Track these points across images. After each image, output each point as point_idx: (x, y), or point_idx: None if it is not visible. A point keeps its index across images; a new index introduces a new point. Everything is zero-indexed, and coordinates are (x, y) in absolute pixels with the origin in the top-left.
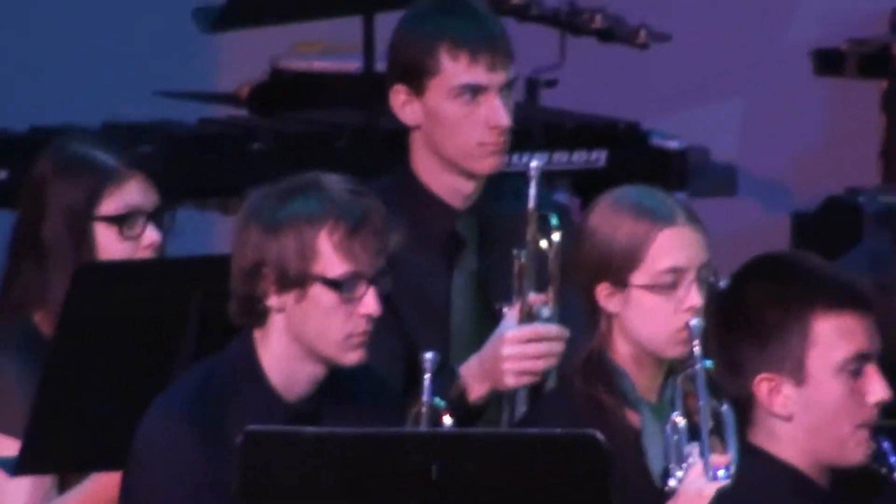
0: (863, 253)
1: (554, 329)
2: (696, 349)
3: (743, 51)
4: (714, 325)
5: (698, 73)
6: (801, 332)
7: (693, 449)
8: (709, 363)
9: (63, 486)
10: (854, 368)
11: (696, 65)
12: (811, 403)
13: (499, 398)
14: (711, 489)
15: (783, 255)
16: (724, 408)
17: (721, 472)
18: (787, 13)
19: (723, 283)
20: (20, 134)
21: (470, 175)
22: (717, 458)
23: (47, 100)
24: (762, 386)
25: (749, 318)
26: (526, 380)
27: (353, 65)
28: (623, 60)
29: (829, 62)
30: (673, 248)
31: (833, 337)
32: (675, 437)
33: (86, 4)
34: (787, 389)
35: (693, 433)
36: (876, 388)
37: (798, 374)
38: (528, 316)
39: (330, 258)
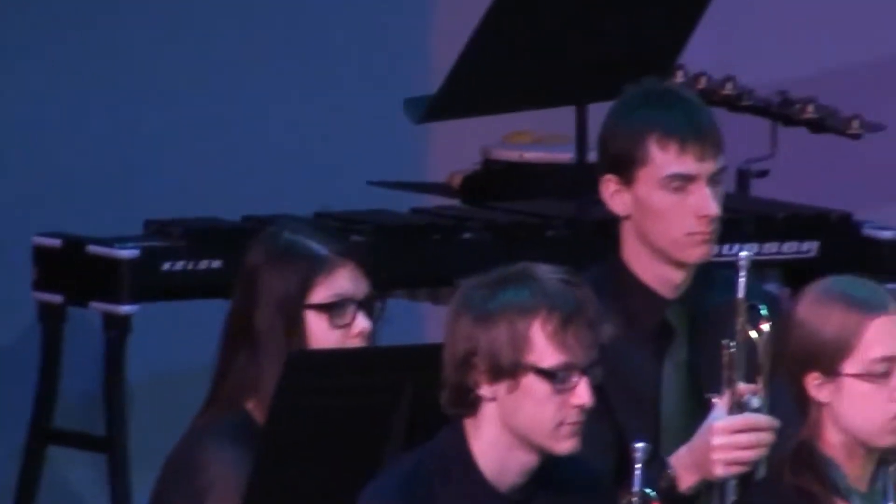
0: None
1: (764, 419)
2: None
3: None
4: None
5: None
6: None
7: None
8: None
9: None
10: None
11: None
12: None
13: (709, 488)
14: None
15: None
16: None
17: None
18: None
19: None
20: (232, 224)
21: (679, 265)
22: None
23: (259, 189)
24: None
25: None
26: (736, 470)
27: (564, 155)
28: (835, 150)
29: None
30: (886, 336)
31: None
32: None
33: (297, 94)
34: None
35: None
36: None
37: None
38: (738, 406)
39: (543, 348)
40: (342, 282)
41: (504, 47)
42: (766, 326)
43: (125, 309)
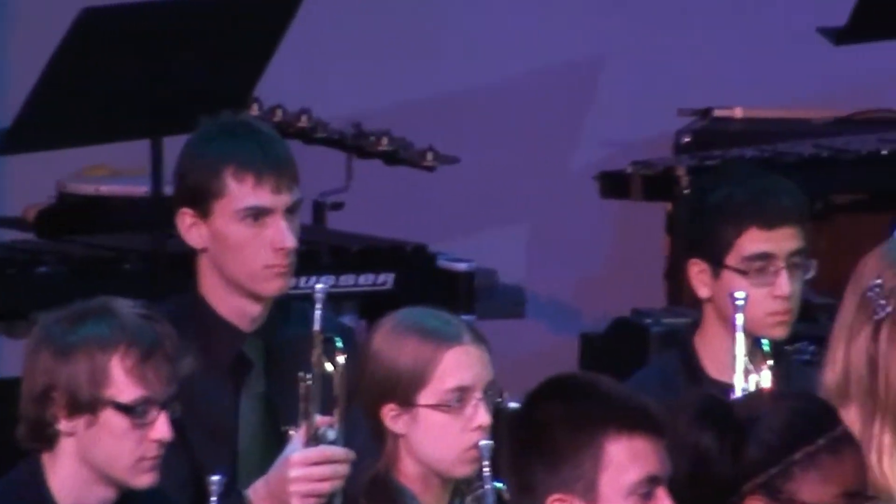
0: (650, 374)
1: (340, 451)
2: (486, 469)
3: (530, 173)
4: (506, 445)
5: (486, 196)
6: (593, 453)
7: None
8: (498, 483)
9: None
10: (645, 492)
11: (483, 187)
12: None
13: None
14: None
15: (576, 377)
16: None
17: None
18: (574, 137)
19: (511, 404)
20: None
21: (256, 297)
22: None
23: None
24: None
25: (541, 439)
26: (312, 502)
27: (140, 188)
28: (410, 183)
29: (614, 185)
30: (459, 367)
31: (624, 459)
32: None
33: None
34: None
35: None
36: None
37: (590, 496)
38: (315, 438)
39: (122, 383)
40: None
41: (78, 80)
42: (341, 359)
43: None
